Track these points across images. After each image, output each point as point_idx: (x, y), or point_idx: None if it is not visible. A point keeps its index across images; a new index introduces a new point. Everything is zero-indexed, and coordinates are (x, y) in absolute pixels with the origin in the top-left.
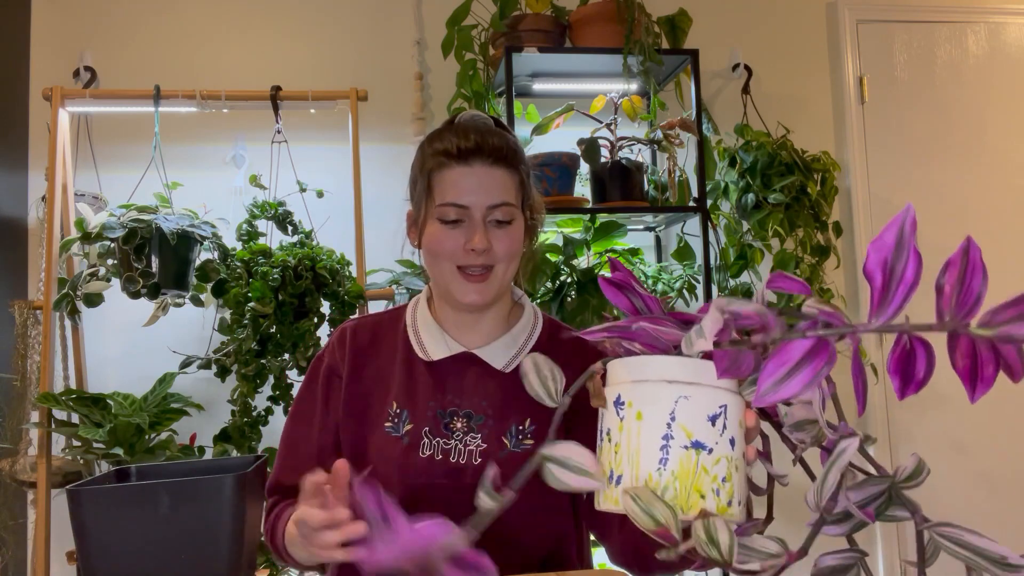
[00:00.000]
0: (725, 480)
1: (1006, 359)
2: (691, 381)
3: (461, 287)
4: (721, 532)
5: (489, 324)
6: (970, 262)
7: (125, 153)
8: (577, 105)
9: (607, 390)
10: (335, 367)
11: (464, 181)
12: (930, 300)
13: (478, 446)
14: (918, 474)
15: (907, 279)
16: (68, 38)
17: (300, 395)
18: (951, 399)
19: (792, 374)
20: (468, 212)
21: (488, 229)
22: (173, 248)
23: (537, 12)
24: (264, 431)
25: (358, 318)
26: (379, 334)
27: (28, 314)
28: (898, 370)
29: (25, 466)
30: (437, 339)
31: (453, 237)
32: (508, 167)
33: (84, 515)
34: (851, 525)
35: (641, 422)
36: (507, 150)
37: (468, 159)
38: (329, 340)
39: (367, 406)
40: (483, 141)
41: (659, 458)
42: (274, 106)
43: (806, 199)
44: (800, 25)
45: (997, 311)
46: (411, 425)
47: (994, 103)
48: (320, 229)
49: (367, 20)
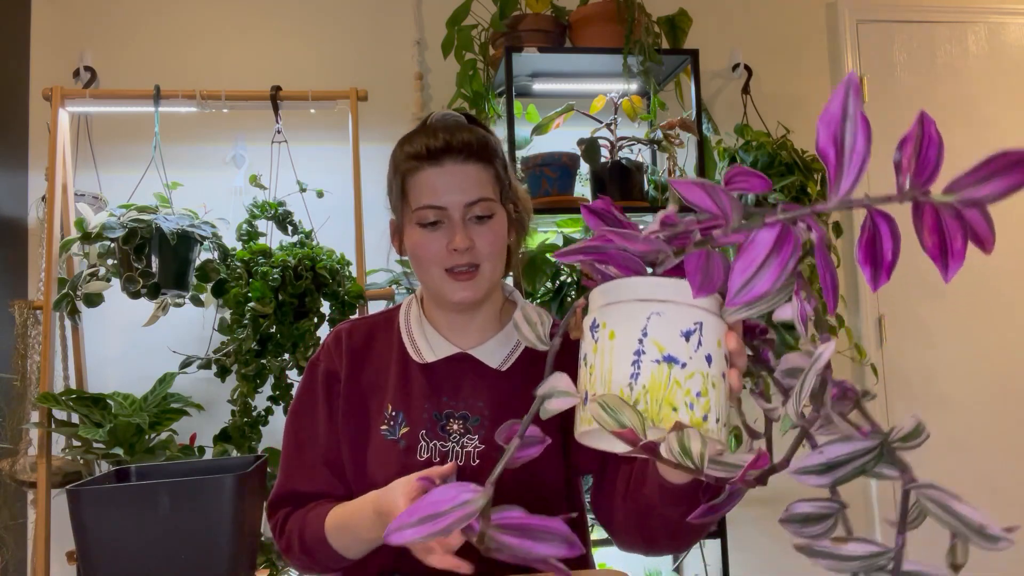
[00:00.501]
0: (700, 395)
1: (974, 228)
2: (664, 299)
3: (450, 287)
4: (693, 441)
5: (482, 323)
6: (925, 135)
7: (125, 153)
8: (577, 105)
9: (584, 319)
10: (333, 370)
11: (438, 181)
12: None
13: (476, 447)
14: (916, 435)
15: (859, 149)
16: (68, 38)
17: (300, 401)
18: (951, 399)
19: (761, 271)
20: (446, 213)
21: (469, 227)
22: (173, 248)
23: (537, 12)
24: (264, 431)
25: (352, 320)
26: (374, 336)
27: (28, 314)
28: (867, 257)
29: (25, 466)
30: (431, 340)
31: (435, 240)
32: (481, 161)
33: (84, 515)
34: (834, 477)
35: (614, 340)
36: (477, 145)
37: (439, 158)
38: (324, 343)
39: (364, 409)
40: (452, 138)
41: (630, 373)
42: (274, 106)
43: (806, 199)
44: (800, 25)
45: (958, 179)
46: (407, 428)
47: (994, 103)
48: (320, 229)
49: (367, 20)
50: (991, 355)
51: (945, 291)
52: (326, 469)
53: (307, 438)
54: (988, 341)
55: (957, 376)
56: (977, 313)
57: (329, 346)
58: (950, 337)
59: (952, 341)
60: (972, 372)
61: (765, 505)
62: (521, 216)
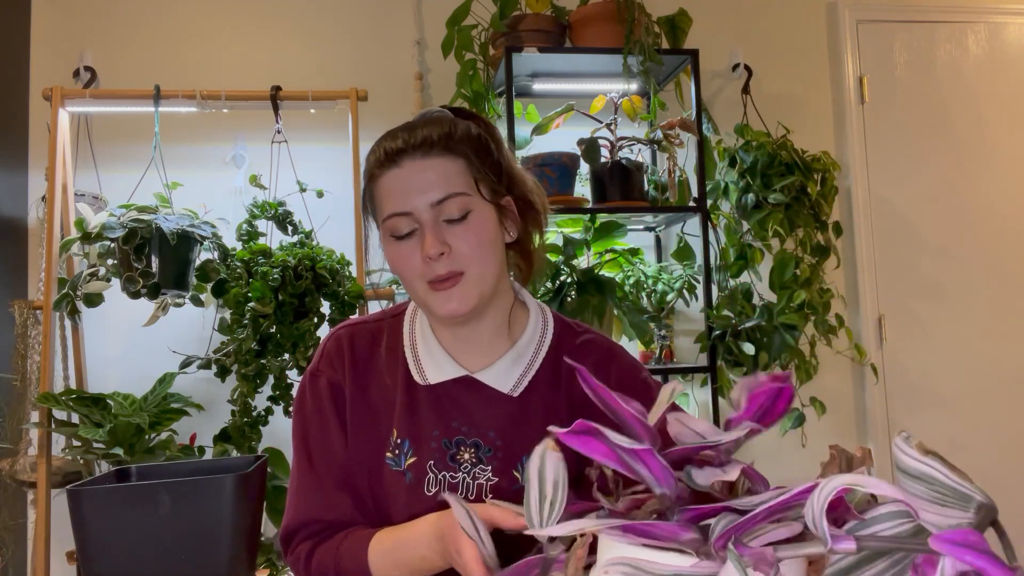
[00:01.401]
0: None
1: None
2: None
3: (434, 300)
4: None
5: (489, 336)
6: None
7: (125, 153)
8: (577, 105)
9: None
10: (336, 382)
11: (397, 184)
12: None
13: (488, 479)
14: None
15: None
16: (68, 38)
17: (306, 417)
18: (951, 399)
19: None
20: (414, 218)
21: (443, 229)
22: (173, 248)
23: (537, 12)
24: (264, 431)
25: (352, 323)
26: (377, 345)
27: (28, 314)
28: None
29: (25, 466)
30: (436, 360)
31: (410, 251)
32: (445, 153)
33: (85, 515)
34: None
35: None
36: (439, 135)
37: (397, 159)
38: (323, 350)
39: (370, 432)
40: (411, 136)
41: None
42: (274, 106)
43: (806, 199)
44: (800, 25)
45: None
46: (414, 458)
47: (994, 103)
48: (320, 229)
49: (367, 20)
50: (991, 354)
51: (945, 291)
52: (348, 492)
53: (322, 458)
54: (988, 341)
55: (957, 376)
56: (977, 313)
57: (330, 354)
58: (950, 337)
59: (952, 341)
60: (972, 372)
61: None
62: (529, 208)
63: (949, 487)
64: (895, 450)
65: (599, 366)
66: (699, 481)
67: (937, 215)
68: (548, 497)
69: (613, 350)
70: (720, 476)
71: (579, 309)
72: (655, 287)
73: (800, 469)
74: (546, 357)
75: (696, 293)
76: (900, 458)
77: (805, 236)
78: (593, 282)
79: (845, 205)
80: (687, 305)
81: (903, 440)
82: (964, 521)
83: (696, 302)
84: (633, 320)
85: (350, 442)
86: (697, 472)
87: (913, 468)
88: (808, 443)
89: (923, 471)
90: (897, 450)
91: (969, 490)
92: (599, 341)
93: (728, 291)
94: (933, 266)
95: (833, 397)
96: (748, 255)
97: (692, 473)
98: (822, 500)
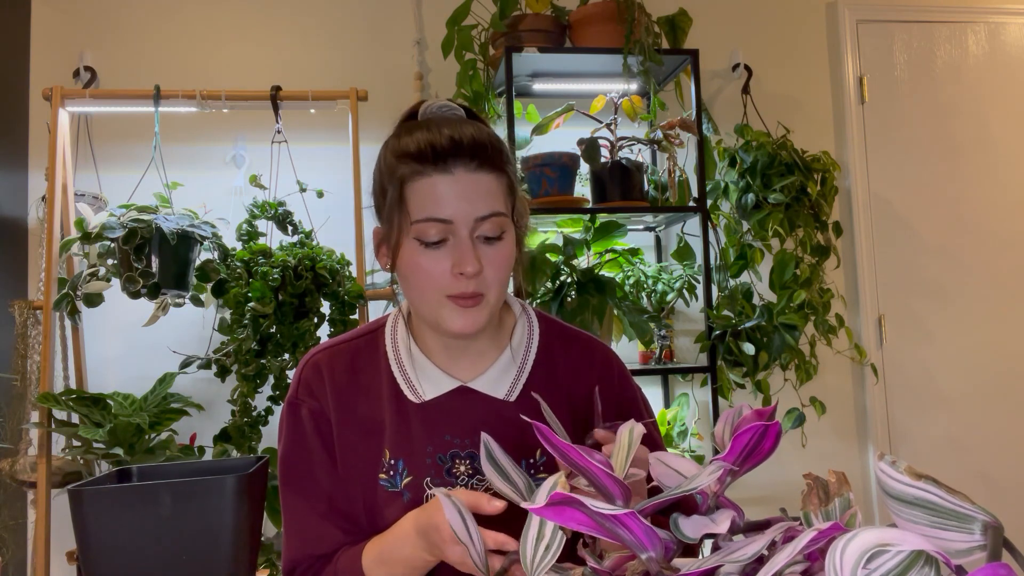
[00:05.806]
0: None
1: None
2: None
3: (449, 314)
4: None
5: (481, 344)
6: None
7: (125, 153)
8: (577, 105)
9: None
10: (318, 410)
11: (445, 190)
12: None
13: (486, 489)
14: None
15: None
16: (68, 38)
17: (291, 452)
18: (951, 399)
19: None
20: (452, 228)
21: (476, 246)
22: (173, 248)
23: (537, 12)
24: (264, 431)
25: (326, 347)
26: (357, 365)
27: (28, 314)
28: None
29: (25, 466)
30: (428, 375)
31: (437, 260)
32: (494, 170)
33: (86, 515)
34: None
35: None
36: (492, 149)
37: (447, 162)
38: (300, 378)
39: (359, 455)
40: (461, 138)
41: None
42: (274, 106)
43: (806, 199)
44: (800, 25)
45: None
46: (410, 477)
47: (994, 103)
48: (320, 229)
49: (367, 20)
50: (991, 354)
51: (945, 291)
52: (335, 521)
53: (304, 490)
54: (988, 341)
55: (957, 376)
56: (977, 313)
57: (308, 382)
58: (950, 337)
59: (952, 341)
60: (972, 372)
61: (760, 504)
62: (522, 230)
63: (950, 510)
64: (880, 475)
65: (582, 357)
66: (687, 533)
67: (937, 215)
68: (545, 539)
69: (592, 344)
70: (710, 528)
71: (579, 309)
72: (655, 287)
73: (800, 469)
74: (536, 359)
75: (696, 293)
76: (889, 484)
77: (805, 236)
78: (593, 282)
79: (845, 205)
80: (687, 305)
81: (888, 465)
82: (973, 545)
83: (696, 302)
84: (633, 320)
85: (341, 467)
86: (685, 522)
87: (907, 494)
88: (808, 443)
89: (919, 496)
90: (884, 476)
91: (971, 511)
92: (579, 335)
93: (728, 291)
94: (933, 266)
95: (833, 397)
96: (748, 255)
97: (680, 523)
98: (848, 566)
